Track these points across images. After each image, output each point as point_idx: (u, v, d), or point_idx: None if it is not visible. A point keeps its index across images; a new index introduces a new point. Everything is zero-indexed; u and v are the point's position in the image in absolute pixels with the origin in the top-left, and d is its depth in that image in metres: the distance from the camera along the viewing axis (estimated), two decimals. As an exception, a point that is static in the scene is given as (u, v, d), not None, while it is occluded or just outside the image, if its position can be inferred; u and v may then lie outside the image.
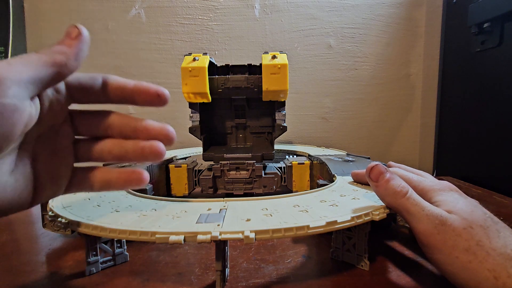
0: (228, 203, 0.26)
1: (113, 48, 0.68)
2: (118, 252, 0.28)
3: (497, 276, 0.19)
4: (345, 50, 0.70)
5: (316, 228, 0.21)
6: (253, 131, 0.47)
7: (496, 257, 0.20)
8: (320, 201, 0.27)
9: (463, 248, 0.21)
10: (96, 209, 0.26)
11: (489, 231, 0.21)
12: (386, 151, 0.75)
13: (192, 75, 0.37)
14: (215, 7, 0.68)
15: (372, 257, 0.28)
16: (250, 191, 0.42)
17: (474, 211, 0.22)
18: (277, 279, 0.26)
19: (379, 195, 0.26)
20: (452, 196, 0.24)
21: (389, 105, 0.73)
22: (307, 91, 0.71)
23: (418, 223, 0.23)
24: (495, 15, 0.50)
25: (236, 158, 0.42)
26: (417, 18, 0.70)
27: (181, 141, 0.69)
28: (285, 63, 0.37)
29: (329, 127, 0.73)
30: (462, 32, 0.59)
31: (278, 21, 0.69)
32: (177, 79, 0.68)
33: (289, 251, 0.31)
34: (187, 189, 0.45)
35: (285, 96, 0.40)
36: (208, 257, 0.29)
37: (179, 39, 0.69)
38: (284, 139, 0.71)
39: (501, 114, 0.51)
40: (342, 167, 0.39)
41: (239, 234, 0.20)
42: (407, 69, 0.72)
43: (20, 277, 0.26)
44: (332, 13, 0.69)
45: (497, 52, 0.51)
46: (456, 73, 0.64)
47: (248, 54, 0.69)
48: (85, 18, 0.67)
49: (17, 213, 0.19)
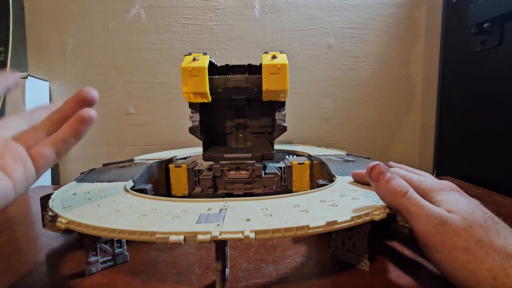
0: (228, 203, 0.26)
1: (113, 48, 0.68)
2: (118, 252, 0.28)
3: (496, 276, 0.19)
4: (345, 50, 0.70)
5: (316, 228, 0.21)
6: (253, 131, 0.47)
7: (495, 257, 0.20)
8: (320, 201, 0.27)
9: (462, 248, 0.21)
10: (96, 209, 0.26)
11: (489, 231, 0.21)
12: (386, 151, 0.75)
13: (192, 75, 0.37)
14: (215, 7, 0.68)
15: (372, 257, 0.28)
16: (250, 191, 0.42)
17: (474, 211, 0.22)
18: (277, 279, 0.26)
19: (379, 195, 0.26)
20: (453, 196, 0.24)
21: (389, 105, 0.73)
22: (307, 91, 0.71)
23: (418, 222, 0.23)
24: (495, 15, 0.50)
25: (236, 158, 0.42)
26: (417, 18, 0.70)
27: (181, 141, 0.69)
28: (285, 63, 0.37)
29: (329, 127, 0.73)
30: (462, 32, 0.59)
31: (278, 21, 0.69)
32: (177, 79, 0.68)
33: (289, 251, 0.31)
34: (187, 189, 0.45)
35: (285, 96, 0.40)
36: (208, 257, 0.29)
37: (179, 39, 0.69)
38: (284, 139, 0.71)
39: (501, 114, 0.51)
40: (342, 167, 0.39)
41: (239, 234, 0.20)
42: (407, 69, 0.72)
43: (20, 277, 0.26)
44: (332, 13, 0.69)
45: (497, 52, 0.51)
46: (456, 73, 0.64)
47: (248, 54, 0.69)
48: (85, 18, 0.67)
49: (17, 214, 0.19)
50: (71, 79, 0.69)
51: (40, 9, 0.67)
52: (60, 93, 0.69)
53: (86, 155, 0.70)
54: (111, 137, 0.70)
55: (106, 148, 0.71)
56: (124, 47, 0.68)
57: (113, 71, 0.69)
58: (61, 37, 0.68)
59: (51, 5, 0.67)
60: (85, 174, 0.39)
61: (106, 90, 0.69)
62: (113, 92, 0.69)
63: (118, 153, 0.70)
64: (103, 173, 0.38)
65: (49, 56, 0.68)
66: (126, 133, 0.70)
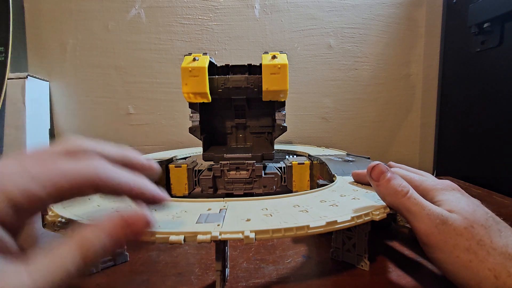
0: (228, 203, 0.26)
1: (113, 48, 0.68)
2: (118, 252, 0.28)
3: (497, 275, 0.19)
4: (345, 50, 0.70)
5: (316, 228, 0.21)
6: (253, 131, 0.47)
7: (496, 257, 0.20)
8: (320, 201, 0.27)
9: (464, 247, 0.21)
10: (96, 209, 0.26)
11: (490, 230, 0.21)
12: (386, 151, 0.75)
13: (192, 75, 0.37)
14: (215, 7, 0.68)
15: (372, 257, 0.28)
16: (250, 191, 0.42)
17: (476, 211, 0.22)
18: (277, 279, 0.26)
19: (380, 195, 0.26)
20: (454, 196, 0.24)
21: (389, 105, 0.73)
22: (307, 91, 0.71)
23: (419, 222, 0.23)
24: (495, 15, 0.50)
25: (236, 158, 0.42)
26: (417, 18, 0.70)
27: (181, 141, 0.69)
28: (285, 63, 0.37)
29: (329, 127, 0.73)
30: (462, 32, 0.59)
31: (278, 21, 0.69)
32: (177, 79, 0.68)
33: (289, 251, 0.31)
34: (187, 189, 0.45)
35: (285, 96, 0.40)
36: (208, 257, 0.29)
37: (179, 39, 0.69)
38: (284, 139, 0.71)
39: (501, 114, 0.51)
40: (342, 167, 0.39)
41: (239, 234, 0.20)
42: (407, 69, 0.72)
43: (20, 277, 0.26)
44: (332, 13, 0.69)
45: (497, 52, 0.51)
46: (456, 73, 0.64)
47: (248, 54, 0.69)
48: (85, 18, 0.67)
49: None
50: (71, 79, 0.69)
51: (40, 9, 0.67)
52: (60, 93, 0.69)
53: (86, 155, 0.70)
54: (111, 137, 0.70)
55: (106, 148, 0.71)
56: (124, 47, 0.68)
57: (113, 71, 0.69)
58: (61, 37, 0.68)
59: (51, 5, 0.67)
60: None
61: (106, 90, 0.69)
62: (113, 92, 0.69)
63: (118, 153, 0.70)
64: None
65: (49, 56, 0.68)
66: (126, 133, 0.70)
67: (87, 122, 0.70)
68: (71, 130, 0.70)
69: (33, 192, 0.15)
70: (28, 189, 0.15)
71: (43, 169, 0.16)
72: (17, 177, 0.15)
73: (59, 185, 0.16)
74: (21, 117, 0.61)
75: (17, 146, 0.61)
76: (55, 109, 0.69)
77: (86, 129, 0.70)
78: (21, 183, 0.15)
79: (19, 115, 0.61)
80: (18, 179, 0.15)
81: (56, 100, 0.69)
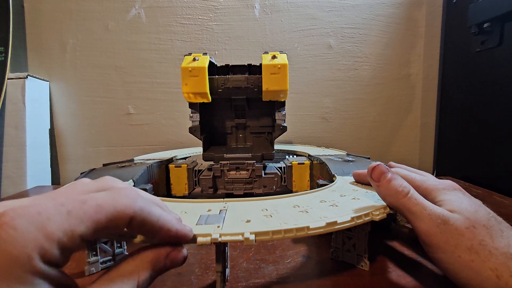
0: (228, 204, 0.26)
1: (113, 48, 0.68)
2: (118, 252, 0.28)
3: (499, 275, 0.19)
4: (345, 50, 0.70)
5: (316, 229, 0.21)
6: (253, 131, 0.47)
7: (498, 256, 0.20)
8: (320, 201, 0.27)
9: (465, 247, 0.21)
10: None
11: (492, 230, 0.21)
12: (386, 151, 0.75)
13: (192, 75, 0.37)
14: (215, 7, 0.68)
15: (372, 257, 0.28)
16: (250, 191, 0.42)
17: (478, 211, 0.22)
18: (277, 279, 0.26)
19: (380, 195, 0.26)
20: (455, 196, 0.24)
21: (389, 105, 0.73)
22: (307, 91, 0.71)
23: (420, 222, 0.23)
24: (495, 15, 0.50)
25: (236, 158, 0.42)
26: (417, 18, 0.70)
27: (181, 141, 0.69)
28: (285, 63, 0.37)
29: (329, 127, 0.73)
30: (462, 32, 0.59)
31: (278, 21, 0.69)
32: (177, 79, 0.68)
33: (289, 251, 0.31)
34: (187, 189, 0.45)
35: (285, 96, 0.40)
36: (208, 257, 0.29)
37: (179, 39, 0.69)
38: (284, 139, 0.71)
39: (501, 114, 0.51)
40: (342, 167, 0.39)
41: (239, 236, 0.20)
42: (407, 69, 0.72)
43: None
44: (332, 13, 0.69)
45: (497, 52, 0.51)
46: (456, 73, 0.64)
47: (248, 54, 0.69)
48: (85, 18, 0.67)
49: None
50: (71, 79, 0.69)
51: (40, 9, 0.67)
52: (60, 93, 0.69)
53: (86, 155, 0.70)
54: (111, 137, 0.70)
55: (106, 148, 0.71)
56: (124, 47, 0.68)
57: (113, 71, 0.69)
58: (61, 37, 0.68)
59: (51, 5, 0.67)
60: (85, 174, 0.39)
61: (106, 90, 0.69)
62: (113, 92, 0.69)
63: (118, 153, 0.70)
64: (103, 173, 0.38)
65: (49, 56, 0.68)
66: (126, 133, 0.70)
67: (87, 122, 0.70)
68: (71, 130, 0.70)
69: (76, 231, 0.14)
70: (70, 229, 0.14)
71: (78, 203, 0.15)
72: (56, 216, 0.14)
73: (95, 218, 0.15)
74: (21, 117, 0.61)
75: (17, 146, 0.61)
76: (55, 109, 0.69)
77: (86, 129, 0.70)
78: (61, 223, 0.14)
79: (19, 115, 0.61)
80: (57, 218, 0.14)
81: (56, 100, 0.69)
